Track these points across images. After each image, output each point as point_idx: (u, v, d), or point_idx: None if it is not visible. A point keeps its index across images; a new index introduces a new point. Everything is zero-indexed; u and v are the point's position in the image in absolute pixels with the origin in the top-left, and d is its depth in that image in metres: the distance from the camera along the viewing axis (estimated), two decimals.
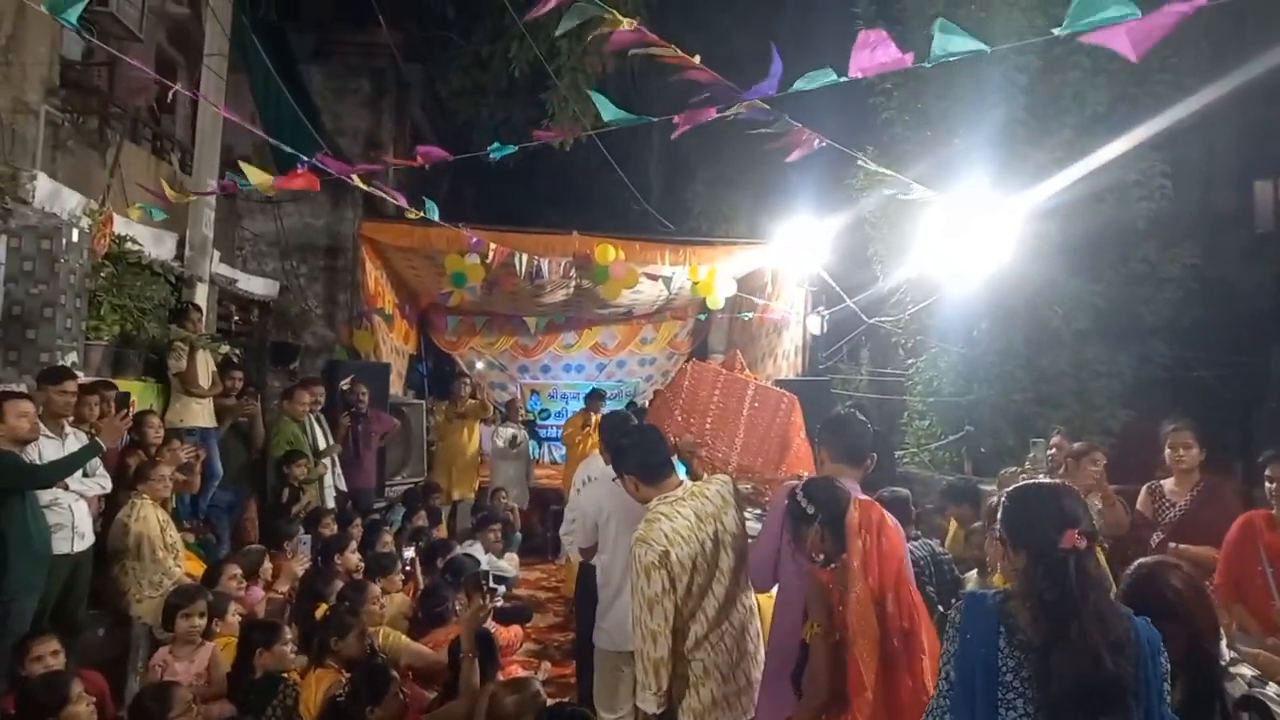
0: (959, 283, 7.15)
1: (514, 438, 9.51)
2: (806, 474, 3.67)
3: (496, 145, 4.24)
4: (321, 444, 7.20)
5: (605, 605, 3.89)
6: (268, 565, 5.39)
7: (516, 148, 4.04)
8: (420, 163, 4.04)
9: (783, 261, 10.09)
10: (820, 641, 2.74)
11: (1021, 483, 2.19)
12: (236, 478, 6.89)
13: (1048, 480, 2.23)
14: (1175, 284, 7.20)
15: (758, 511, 4.53)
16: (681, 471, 3.50)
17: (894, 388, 8.83)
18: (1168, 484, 4.68)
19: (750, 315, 10.88)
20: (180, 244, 7.39)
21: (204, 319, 7.22)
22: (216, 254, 7.88)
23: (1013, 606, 2.01)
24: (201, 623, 4.19)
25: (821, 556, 2.89)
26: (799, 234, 9.21)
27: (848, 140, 4.66)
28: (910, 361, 8.33)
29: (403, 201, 5.21)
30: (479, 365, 13.43)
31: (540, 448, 13.30)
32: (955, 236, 6.18)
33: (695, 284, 9.86)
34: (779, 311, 10.38)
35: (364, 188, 5.03)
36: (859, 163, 5.03)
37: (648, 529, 3.06)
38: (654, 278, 9.48)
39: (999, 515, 2.15)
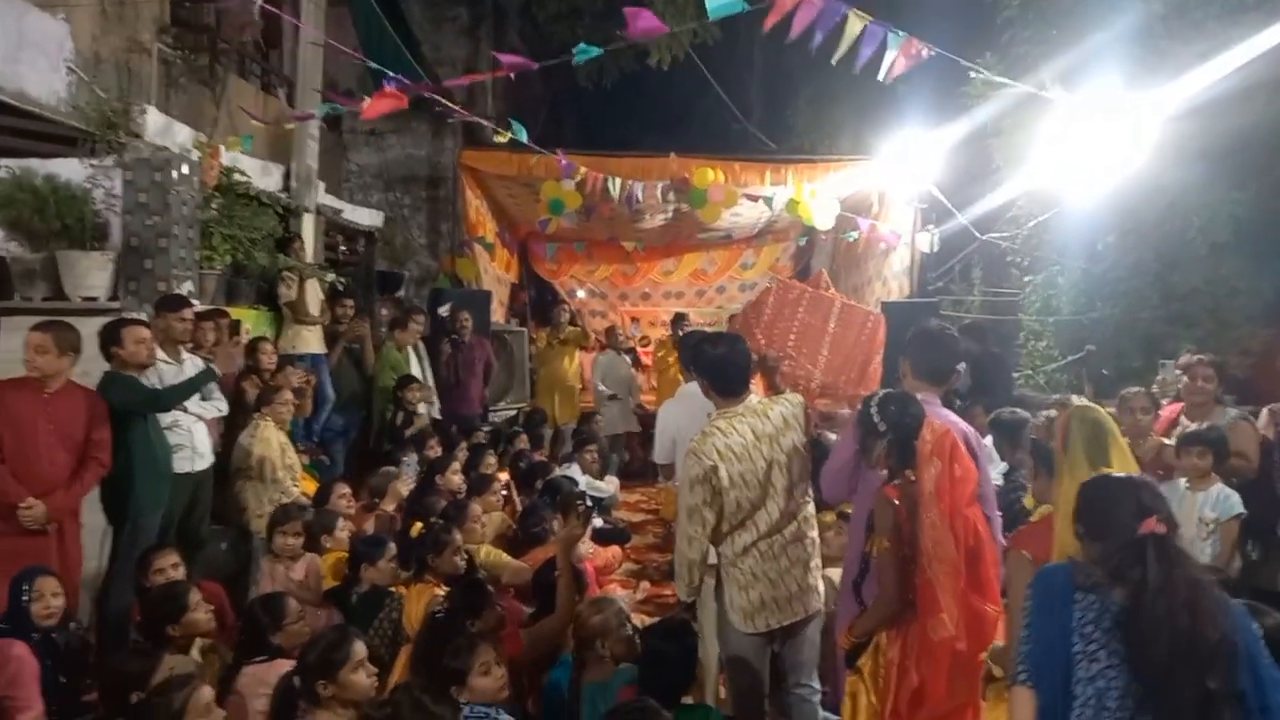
0: (1083, 194, 6.65)
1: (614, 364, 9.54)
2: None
3: (582, 47, 4.10)
4: (416, 371, 7.37)
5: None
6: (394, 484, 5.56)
7: (601, 50, 3.89)
8: (505, 72, 3.95)
9: (890, 179, 9.62)
10: (888, 557, 2.74)
11: (1098, 475, 2.13)
12: (349, 403, 7.13)
13: (1122, 475, 2.14)
14: None
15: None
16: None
17: (1008, 308, 8.40)
18: None
19: (856, 235, 10.46)
20: (286, 176, 7.56)
21: (310, 249, 7.41)
22: (322, 185, 8.04)
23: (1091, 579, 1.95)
24: (297, 541, 4.36)
25: (885, 471, 2.87)
26: (908, 149, 8.75)
27: (962, 47, 4.34)
28: (1027, 279, 7.88)
29: (491, 123, 5.15)
30: (580, 293, 13.45)
31: (642, 373, 13.32)
32: (1082, 143, 5.71)
33: (796, 204, 9.53)
34: (886, 232, 9.94)
35: (451, 107, 4.98)
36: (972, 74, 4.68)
37: (701, 441, 3.22)
38: (754, 198, 9.20)
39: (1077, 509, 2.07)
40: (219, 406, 5.20)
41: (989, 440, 4.36)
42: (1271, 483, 4.41)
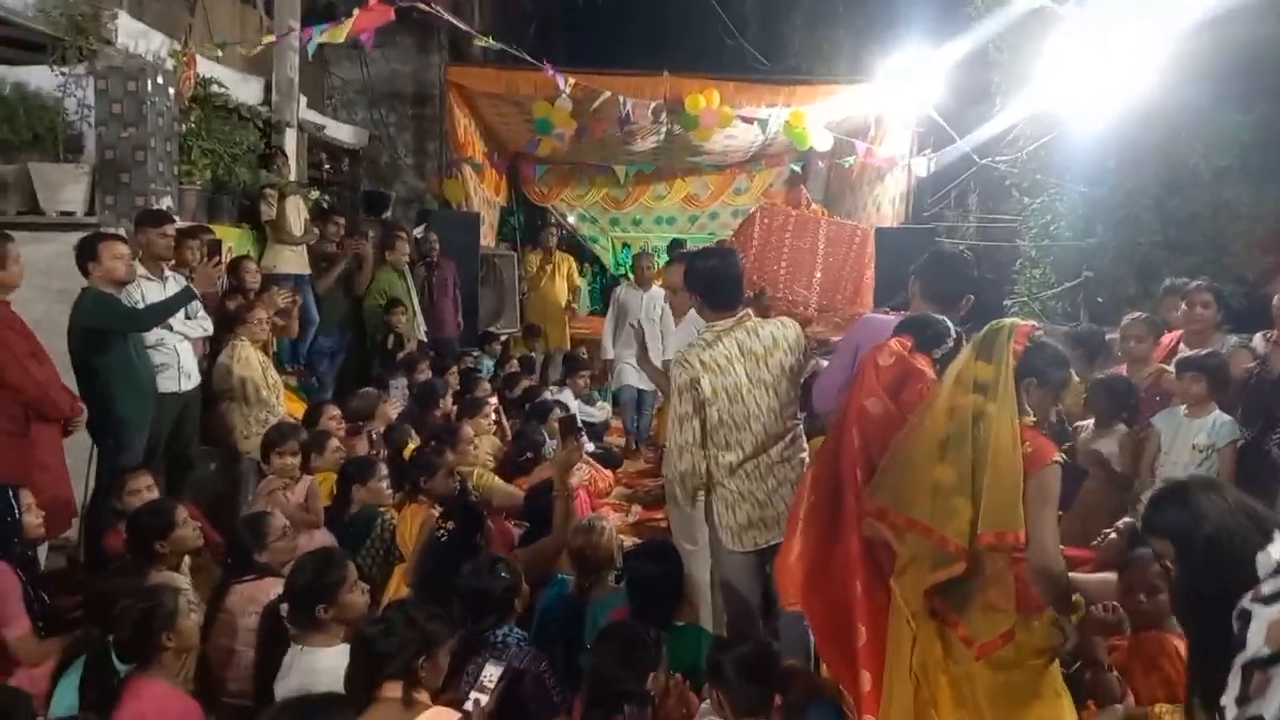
0: (1086, 116, 6.50)
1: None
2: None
3: None
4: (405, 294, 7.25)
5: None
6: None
7: None
8: None
9: (888, 102, 9.40)
10: None
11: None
12: (339, 324, 7.03)
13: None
14: None
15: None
16: None
17: (1005, 234, 8.28)
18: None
19: (851, 161, 10.27)
20: (267, 89, 7.31)
21: (293, 166, 7.21)
22: (303, 99, 7.79)
23: None
24: (294, 461, 4.30)
25: None
26: (906, 70, 8.52)
27: None
28: (1026, 201, 7.75)
29: (472, 29, 4.93)
30: (570, 218, 13.25)
31: None
32: (1087, 62, 5.53)
33: (792, 128, 9.31)
34: (882, 156, 9.76)
35: (436, 11, 4.75)
36: None
37: (687, 351, 3.25)
38: (749, 120, 8.98)
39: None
40: (204, 326, 5.10)
41: None
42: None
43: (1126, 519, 3.47)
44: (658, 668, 2.65)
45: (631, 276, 8.38)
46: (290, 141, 7.45)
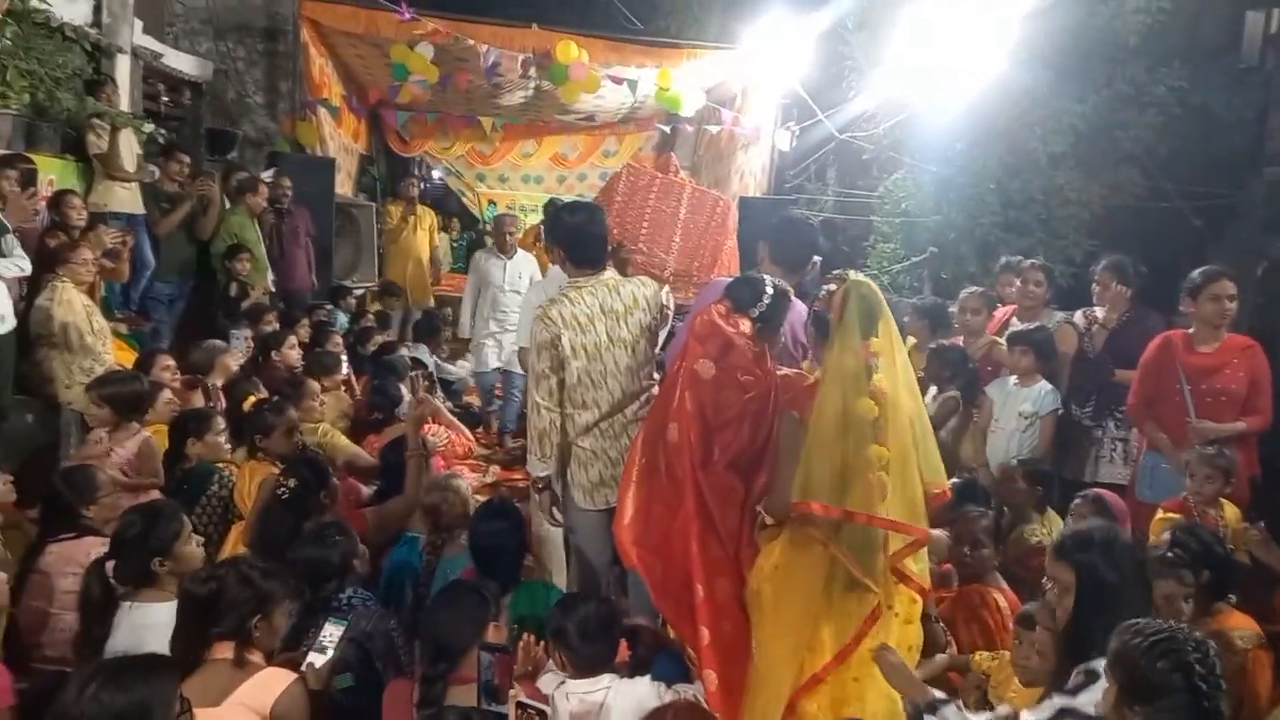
0: (939, 96, 6.79)
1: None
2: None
3: None
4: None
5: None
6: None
7: None
8: None
9: (754, 71, 9.54)
10: None
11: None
12: (180, 269, 6.58)
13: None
14: (1158, 109, 6.91)
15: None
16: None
17: (860, 208, 8.60)
18: (1099, 310, 4.79)
19: (718, 128, 10.39)
20: (96, 9, 6.68)
21: (125, 96, 6.65)
22: (139, 24, 7.18)
23: None
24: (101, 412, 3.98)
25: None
26: (772, 41, 8.66)
27: None
28: (881, 178, 8.06)
29: None
30: (435, 172, 12.86)
31: None
32: (941, 42, 5.77)
33: (661, 91, 9.31)
34: (748, 126, 9.91)
35: None
36: None
37: (549, 307, 3.22)
38: (618, 80, 8.92)
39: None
40: (20, 264, 4.68)
41: None
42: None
43: (952, 479, 3.69)
44: (491, 622, 2.60)
45: (491, 241, 7.36)
46: (123, 69, 6.86)
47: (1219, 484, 3.59)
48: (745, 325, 2.90)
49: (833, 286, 2.68)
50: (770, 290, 2.95)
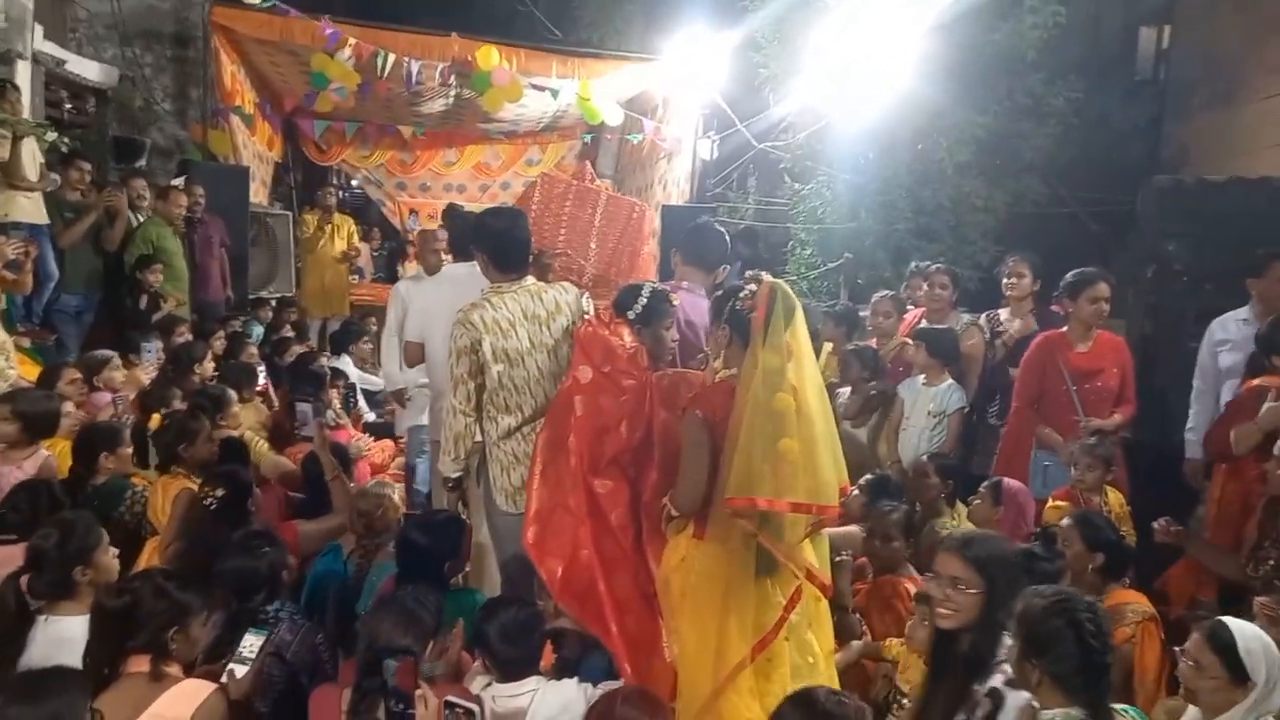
0: (850, 107, 7.01)
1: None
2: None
3: None
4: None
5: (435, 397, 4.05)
6: (118, 373, 5.03)
7: None
8: None
9: (675, 82, 9.67)
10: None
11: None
12: (86, 280, 6.36)
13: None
14: (1056, 120, 7.27)
15: None
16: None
17: (780, 216, 8.80)
18: (1004, 312, 4.99)
19: (640, 138, 10.50)
20: None
21: (27, 103, 6.42)
22: (39, 29, 6.94)
23: None
24: (10, 428, 3.82)
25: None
26: (692, 53, 8.80)
27: None
28: (798, 188, 8.26)
29: None
30: (354, 180, 12.66)
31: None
32: (849, 54, 5.98)
33: (583, 100, 9.37)
34: (669, 136, 10.04)
35: None
36: None
37: (470, 311, 3.21)
38: (540, 89, 8.94)
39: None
40: None
41: None
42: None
43: (866, 476, 3.83)
44: (437, 634, 2.62)
45: (415, 263, 6.29)
46: (23, 75, 6.62)
47: (1101, 471, 3.82)
48: (624, 329, 3.05)
49: (754, 287, 2.75)
50: (646, 294, 3.10)
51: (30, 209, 5.92)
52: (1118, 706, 2.14)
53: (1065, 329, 4.42)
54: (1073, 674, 2.05)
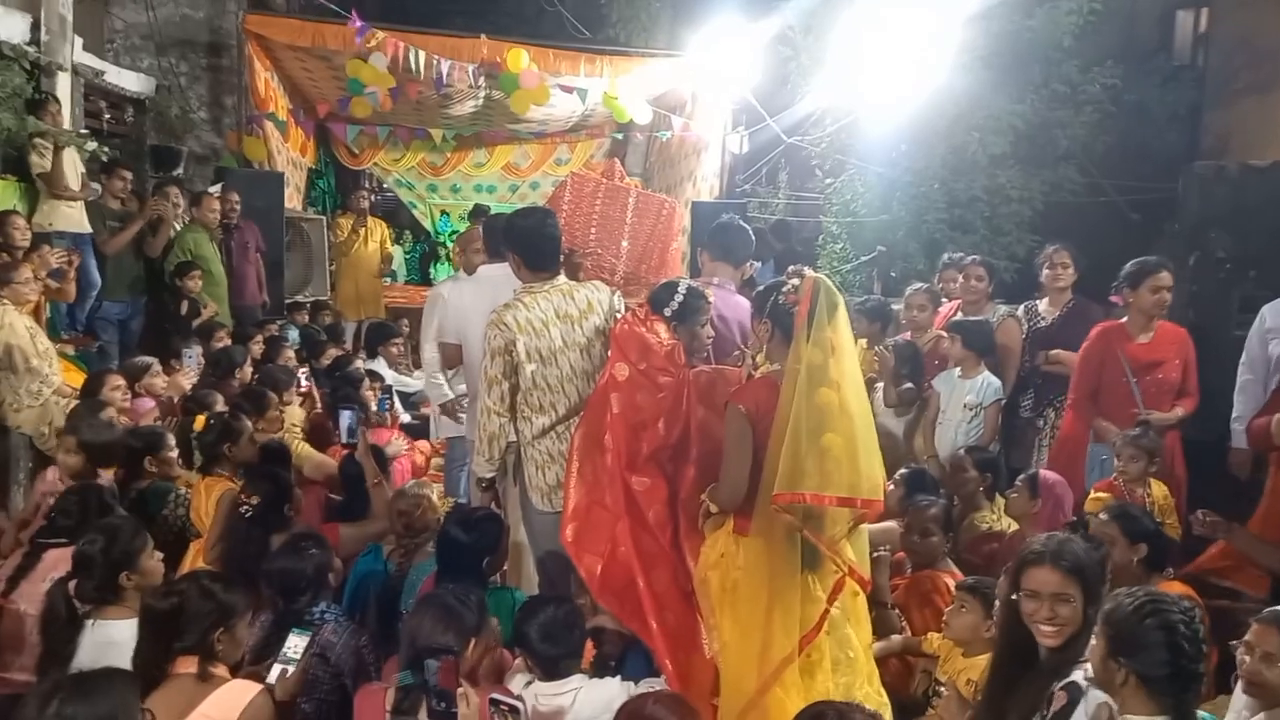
0: (882, 99, 6.95)
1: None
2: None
3: None
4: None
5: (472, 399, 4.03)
6: (159, 380, 5.12)
7: None
8: None
9: (703, 77, 9.64)
10: None
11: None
12: (130, 288, 6.48)
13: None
14: (1093, 107, 7.15)
15: None
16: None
17: (811, 210, 8.75)
18: (1042, 303, 4.91)
19: (669, 135, 10.47)
20: (35, 27, 6.57)
21: (67, 114, 6.55)
22: (79, 41, 7.07)
23: None
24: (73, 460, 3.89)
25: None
26: (720, 48, 8.77)
27: None
28: (829, 181, 8.20)
29: None
30: (387, 183, 12.76)
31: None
32: (880, 46, 5.92)
33: (611, 99, 9.37)
34: (698, 132, 10.01)
35: None
36: None
37: (503, 312, 3.22)
38: (568, 90, 8.96)
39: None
40: None
41: None
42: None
43: (902, 470, 3.80)
44: (481, 634, 2.62)
45: (457, 265, 5.48)
46: (64, 87, 6.75)
47: (1144, 463, 3.76)
48: (660, 326, 3.04)
49: (796, 282, 2.74)
50: (683, 291, 3.10)
51: (73, 218, 6.05)
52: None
53: (1124, 320, 4.32)
54: (1162, 679, 1.96)
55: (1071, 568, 2.27)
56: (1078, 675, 2.19)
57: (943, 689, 2.86)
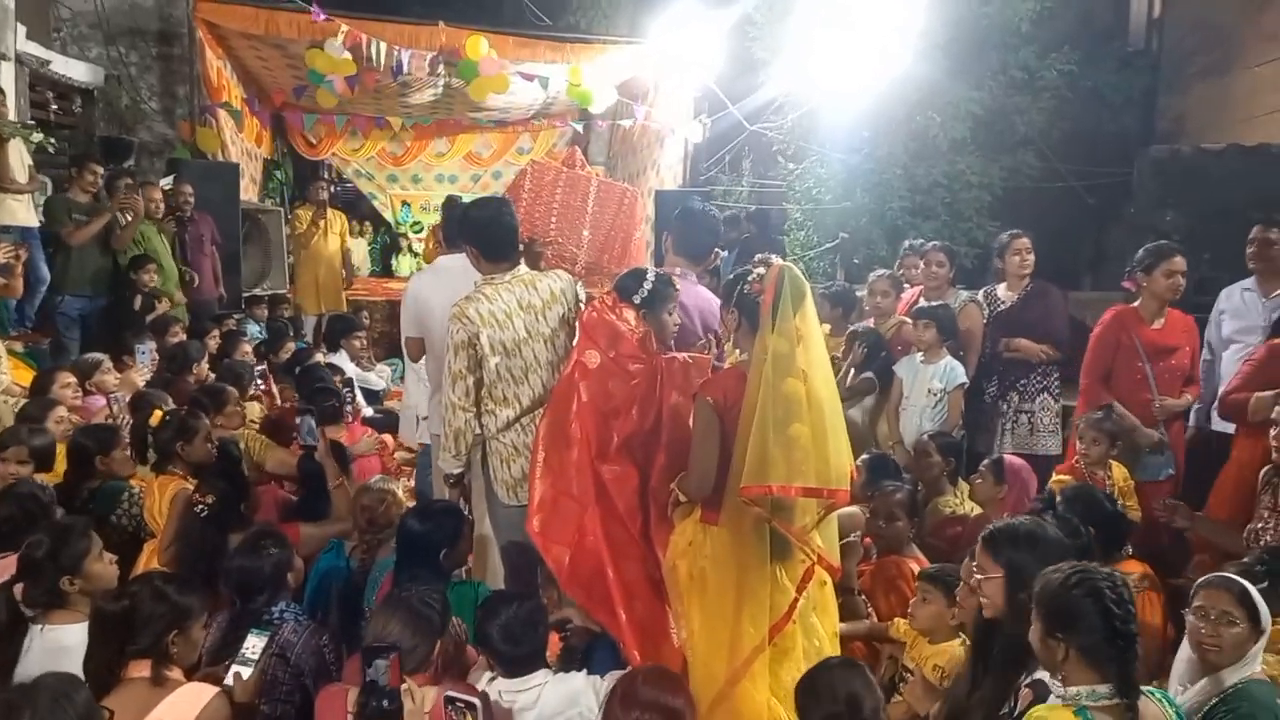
0: (844, 86, 6.95)
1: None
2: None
3: None
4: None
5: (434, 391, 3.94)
6: (110, 376, 4.99)
7: None
8: None
9: (665, 65, 9.60)
10: None
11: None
12: (93, 283, 6.30)
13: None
14: (1051, 93, 7.20)
15: None
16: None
17: (775, 198, 8.75)
18: (1000, 288, 4.96)
19: (631, 123, 10.43)
20: None
21: (13, 105, 6.36)
22: (22, 29, 6.87)
23: None
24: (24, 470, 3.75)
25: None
26: (682, 35, 8.73)
27: None
28: (791, 168, 8.21)
29: None
30: (346, 173, 12.58)
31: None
32: (841, 32, 5.92)
33: (572, 87, 9.29)
34: (660, 120, 9.97)
35: None
36: None
37: (465, 305, 3.17)
38: (529, 77, 8.87)
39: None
40: None
41: None
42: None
43: (864, 456, 3.82)
44: (443, 632, 2.59)
45: (430, 257, 5.97)
46: (7, 77, 6.57)
47: (1105, 446, 3.80)
48: (629, 313, 3.01)
49: (762, 270, 2.72)
50: (651, 279, 3.07)
51: (20, 212, 5.88)
52: (1144, 688, 2.08)
53: (1137, 304, 4.32)
54: (1099, 645, 1.99)
55: (991, 543, 2.39)
56: (1043, 673, 2.21)
57: (909, 674, 2.88)
